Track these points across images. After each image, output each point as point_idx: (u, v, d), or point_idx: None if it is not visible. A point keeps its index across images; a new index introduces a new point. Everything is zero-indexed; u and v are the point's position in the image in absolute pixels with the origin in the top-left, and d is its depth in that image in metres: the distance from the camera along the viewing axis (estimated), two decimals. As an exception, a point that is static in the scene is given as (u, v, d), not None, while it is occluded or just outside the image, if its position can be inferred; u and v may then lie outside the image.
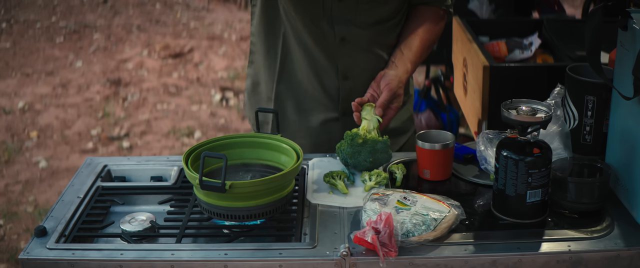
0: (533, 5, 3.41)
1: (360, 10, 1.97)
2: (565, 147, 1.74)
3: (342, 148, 1.81)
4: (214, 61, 6.09)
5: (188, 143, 4.67)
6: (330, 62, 2.03)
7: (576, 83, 1.84)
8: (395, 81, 1.94)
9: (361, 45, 2.02)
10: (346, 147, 1.80)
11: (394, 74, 1.96)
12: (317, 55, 2.03)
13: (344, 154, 1.81)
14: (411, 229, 1.50)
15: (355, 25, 1.98)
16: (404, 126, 2.22)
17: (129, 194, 1.81)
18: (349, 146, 1.79)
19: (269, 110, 1.87)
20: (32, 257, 1.51)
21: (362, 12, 1.97)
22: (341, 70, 2.04)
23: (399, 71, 1.97)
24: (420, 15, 2.07)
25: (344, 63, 2.04)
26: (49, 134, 4.82)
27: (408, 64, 2.01)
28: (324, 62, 2.03)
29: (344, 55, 2.03)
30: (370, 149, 1.79)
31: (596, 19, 1.56)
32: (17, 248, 3.54)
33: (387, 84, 1.92)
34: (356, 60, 2.04)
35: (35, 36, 6.76)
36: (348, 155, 1.80)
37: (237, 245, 1.55)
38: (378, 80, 1.96)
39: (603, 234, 1.55)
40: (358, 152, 1.79)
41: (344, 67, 2.04)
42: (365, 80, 2.02)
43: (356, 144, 1.78)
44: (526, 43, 2.52)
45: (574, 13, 4.58)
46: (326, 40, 2.00)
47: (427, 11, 2.08)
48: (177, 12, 7.40)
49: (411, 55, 2.02)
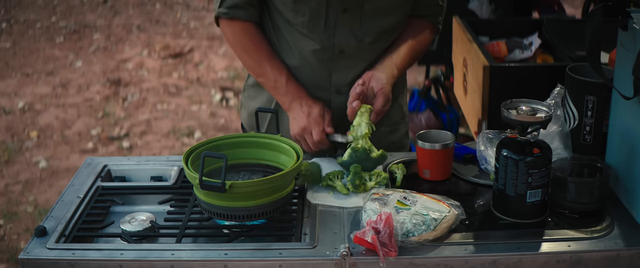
0: (533, 5, 3.41)
1: (364, 20, 1.93)
2: (566, 147, 1.74)
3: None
4: (214, 61, 6.09)
5: (188, 143, 4.66)
6: (324, 74, 1.99)
7: (576, 83, 1.84)
8: (388, 86, 1.92)
9: (359, 58, 1.98)
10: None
11: (385, 77, 1.93)
12: (312, 66, 1.99)
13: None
14: (411, 229, 1.50)
15: (357, 37, 1.95)
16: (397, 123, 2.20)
17: (129, 194, 1.81)
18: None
19: (269, 110, 1.87)
20: (32, 257, 1.51)
21: (366, 22, 1.94)
22: (334, 84, 2.01)
23: (388, 75, 1.95)
24: (412, 27, 2.05)
25: (338, 77, 2.00)
26: (49, 133, 4.82)
27: (395, 70, 1.98)
28: (317, 74, 1.99)
29: (339, 69, 1.99)
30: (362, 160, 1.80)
31: (596, 19, 1.56)
32: (17, 248, 3.54)
33: (381, 89, 1.90)
34: (350, 74, 1.99)
35: (35, 36, 6.76)
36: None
37: (237, 245, 1.55)
38: (367, 80, 1.91)
39: (603, 234, 1.55)
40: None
41: (337, 80, 2.00)
42: None
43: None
44: (526, 43, 2.52)
45: (574, 13, 4.58)
46: (324, 52, 1.96)
47: (419, 23, 2.06)
48: (177, 12, 7.40)
49: (399, 62, 2.00)
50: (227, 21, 1.97)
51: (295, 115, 1.95)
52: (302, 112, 1.93)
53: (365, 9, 1.91)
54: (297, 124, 1.94)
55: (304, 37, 1.95)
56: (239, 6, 1.94)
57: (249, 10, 1.95)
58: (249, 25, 1.97)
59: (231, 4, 1.94)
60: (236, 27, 1.97)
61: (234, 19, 1.96)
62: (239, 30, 1.97)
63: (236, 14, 1.95)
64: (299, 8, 1.90)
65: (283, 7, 1.93)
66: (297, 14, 1.92)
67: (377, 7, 1.92)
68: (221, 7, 1.95)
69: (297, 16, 1.92)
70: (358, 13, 1.92)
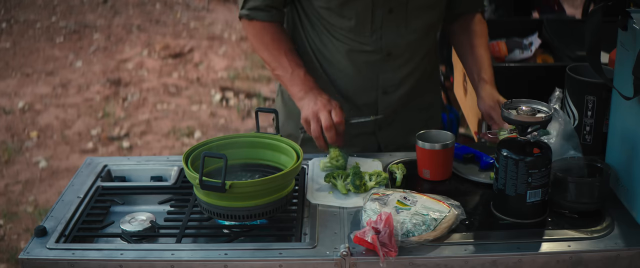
0: (533, 5, 3.41)
1: (409, 19, 1.95)
2: (574, 147, 1.73)
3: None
4: (214, 61, 6.09)
5: (188, 144, 4.66)
6: (372, 76, 2.01)
7: (576, 83, 1.84)
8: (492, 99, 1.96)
9: (405, 58, 2.00)
10: None
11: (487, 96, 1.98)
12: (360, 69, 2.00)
13: None
14: (411, 229, 1.50)
15: (403, 36, 1.97)
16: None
17: (129, 194, 1.81)
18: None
19: (269, 110, 1.87)
20: (32, 257, 1.51)
21: (411, 20, 1.95)
22: (381, 85, 2.02)
23: (487, 93, 1.99)
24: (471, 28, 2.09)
25: (385, 78, 2.02)
26: (49, 133, 4.82)
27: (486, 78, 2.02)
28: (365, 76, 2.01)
29: (387, 70, 2.01)
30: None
31: (596, 19, 1.56)
32: (17, 248, 3.54)
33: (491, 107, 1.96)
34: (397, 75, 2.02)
35: (35, 36, 6.75)
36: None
37: (237, 245, 1.55)
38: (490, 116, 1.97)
39: (603, 234, 1.55)
40: None
41: (384, 82, 2.02)
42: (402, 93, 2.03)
43: None
44: (526, 43, 2.53)
45: (574, 13, 4.58)
46: (372, 54, 1.98)
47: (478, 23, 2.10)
48: (177, 12, 7.39)
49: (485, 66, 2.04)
50: (247, 21, 2.01)
51: (309, 102, 1.88)
52: (318, 100, 1.87)
53: (409, 7, 1.93)
54: (310, 107, 1.86)
55: (351, 41, 1.97)
56: (260, 8, 1.97)
57: (271, 12, 1.98)
58: (270, 24, 2.00)
59: (253, 6, 1.98)
60: (257, 26, 2.00)
61: (255, 20, 1.99)
62: (260, 28, 2.00)
63: (257, 15, 1.98)
64: (345, 12, 1.92)
65: (327, 13, 1.95)
66: (343, 18, 1.94)
67: (421, 3, 1.94)
68: (243, 8, 2.00)
69: (343, 20, 1.94)
70: (403, 12, 1.93)
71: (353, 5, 1.91)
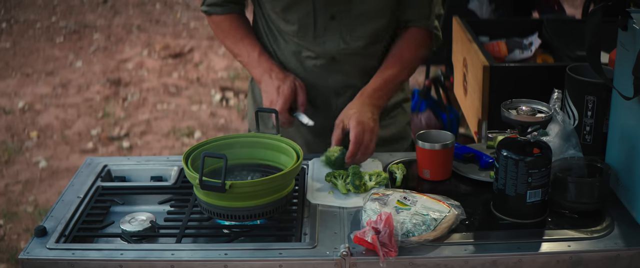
0: (533, 5, 3.41)
1: (353, 26, 1.95)
2: (574, 146, 1.73)
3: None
4: (214, 61, 6.09)
5: (188, 143, 4.66)
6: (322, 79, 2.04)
7: (576, 83, 1.84)
8: (361, 132, 1.82)
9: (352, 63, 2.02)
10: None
11: (364, 121, 1.84)
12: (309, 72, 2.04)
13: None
14: (411, 229, 1.50)
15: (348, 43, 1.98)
16: (403, 132, 2.22)
17: (129, 194, 1.81)
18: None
19: (269, 110, 1.88)
20: (32, 257, 1.51)
21: (356, 28, 1.96)
22: (332, 87, 2.06)
23: (359, 108, 1.88)
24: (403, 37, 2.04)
25: (334, 80, 2.05)
26: (49, 133, 4.82)
27: (375, 96, 1.93)
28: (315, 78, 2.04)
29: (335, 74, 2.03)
30: None
31: (596, 19, 1.56)
32: (17, 248, 3.54)
33: (355, 136, 1.81)
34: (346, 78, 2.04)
35: (35, 36, 6.75)
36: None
37: (237, 245, 1.55)
38: (344, 122, 1.86)
39: (603, 234, 1.55)
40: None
41: (334, 84, 2.05)
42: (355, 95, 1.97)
43: None
44: (526, 43, 2.52)
45: (574, 13, 4.58)
46: (318, 59, 2.01)
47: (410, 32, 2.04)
48: (177, 12, 7.40)
49: (386, 77, 1.97)
50: (208, 17, 2.12)
51: (265, 87, 1.99)
52: (272, 85, 1.96)
53: (352, 15, 1.93)
54: (267, 97, 1.98)
55: (297, 44, 2.01)
56: (218, 4, 2.08)
57: (228, 6, 2.08)
58: (228, 15, 2.09)
59: (211, 2, 2.09)
60: (216, 20, 2.11)
61: (213, 15, 2.09)
62: (219, 21, 2.10)
63: (215, 10, 2.09)
64: (288, 17, 1.97)
65: (275, 18, 2.00)
66: (287, 23, 1.98)
67: (365, 11, 1.94)
68: (203, 5, 2.11)
69: (287, 25, 1.98)
70: (346, 18, 1.94)
71: (295, 10, 1.95)
